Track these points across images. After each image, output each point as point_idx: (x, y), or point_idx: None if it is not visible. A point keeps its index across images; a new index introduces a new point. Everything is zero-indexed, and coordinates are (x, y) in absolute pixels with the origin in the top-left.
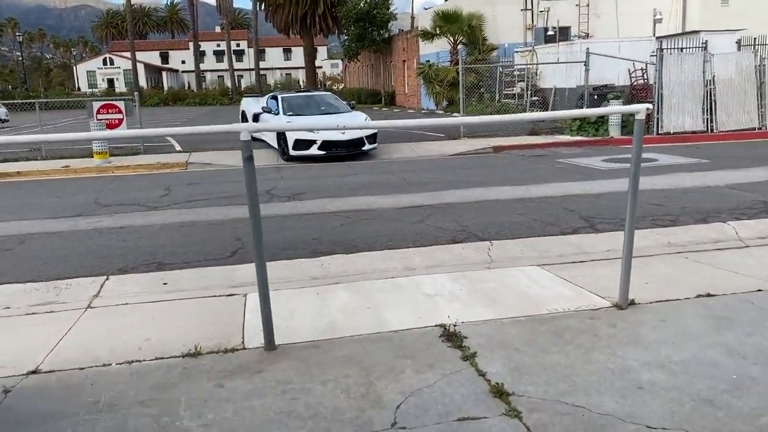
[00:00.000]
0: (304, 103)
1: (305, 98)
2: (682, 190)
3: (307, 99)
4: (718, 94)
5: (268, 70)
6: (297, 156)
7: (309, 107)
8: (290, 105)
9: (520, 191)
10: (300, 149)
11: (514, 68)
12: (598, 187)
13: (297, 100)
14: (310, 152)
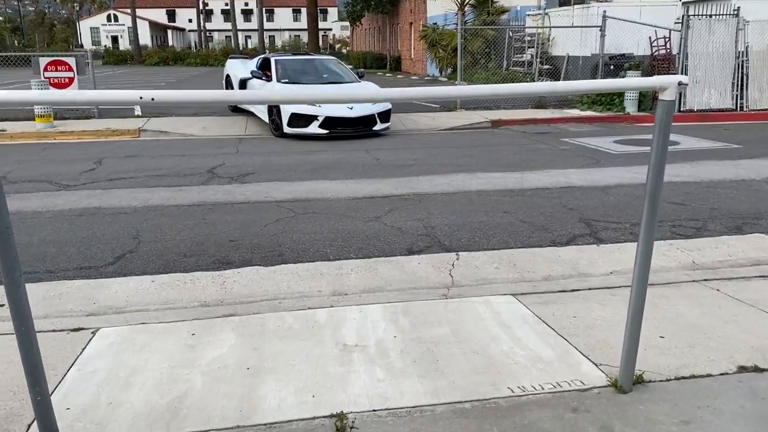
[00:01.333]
0: (302, 68)
1: (303, 63)
2: (710, 184)
3: (305, 64)
4: (751, 67)
5: (276, 31)
6: (293, 134)
7: (308, 74)
8: (285, 70)
9: (511, 180)
10: (297, 126)
11: (525, 33)
12: (606, 176)
13: (294, 64)
14: (309, 130)
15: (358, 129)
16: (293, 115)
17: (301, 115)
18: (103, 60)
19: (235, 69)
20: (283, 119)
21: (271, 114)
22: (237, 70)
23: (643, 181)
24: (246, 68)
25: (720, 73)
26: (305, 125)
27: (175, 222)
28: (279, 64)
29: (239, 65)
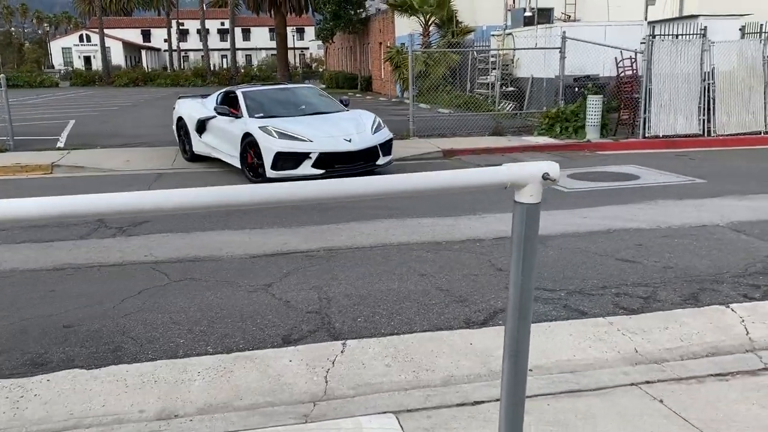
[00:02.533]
0: (277, 99)
1: (277, 93)
2: (667, 233)
3: (279, 94)
4: (717, 90)
5: (253, 50)
6: (279, 177)
7: (285, 107)
8: (257, 104)
9: (441, 228)
10: (284, 167)
11: (489, 54)
12: (550, 222)
13: (265, 96)
14: (300, 172)
15: (358, 165)
16: (279, 155)
17: (289, 154)
18: (71, 81)
19: (190, 109)
20: (266, 161)
21: (247, 156)
22: (192, 110)
23: (593, 227)
24: (205, 107)
25: (686, 97)
26: (294, 166)
27: (14, 296)
28: (248, 98)
29: (194, 105)
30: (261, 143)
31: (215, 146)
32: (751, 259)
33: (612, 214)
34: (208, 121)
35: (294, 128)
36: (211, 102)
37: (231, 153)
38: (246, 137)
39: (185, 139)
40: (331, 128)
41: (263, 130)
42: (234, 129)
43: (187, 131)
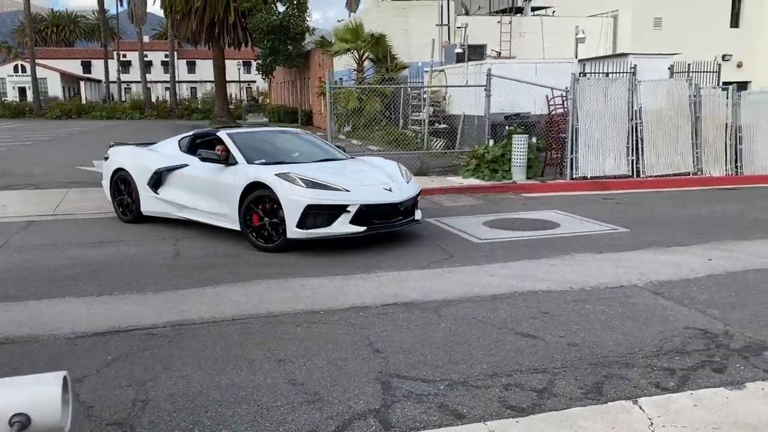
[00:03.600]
0: (273, 143)
1: (269, 136)
2: (579, 296)
3: (272, 137)
4: (645, 129)
5: (198, 83)
6: (307, 238)
7: (286, 152)
8: (251, 148)
9: (327, 290)
10: (314, 225)
11: (421, 90)
12: (451, 284)
13: (257, 139)
14: (335, 230)
15: (398, 221)
16: (310, 210)
17: (322, 208)
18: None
19: (136, 158)
20: (289, 218)
21: (253, 215)
22: (141, 159)
23: (498, 289)
24: (161, 155)
25: (614, 136)
26: (328, 222)
27: None
28: (238, 141)
29: (142, 153)
30: (281, 195)
31: (186, 203)
32: (668, 332)
33: (522, 272)
34: (171, 172)
35: (321, 176)
36: (170, 148)
37: (217, 211)
38: (251, 189)
39: (127, 197)
40: (360, 176)
41: (283, 177)
42: (226, 179)
43: (131, 186)
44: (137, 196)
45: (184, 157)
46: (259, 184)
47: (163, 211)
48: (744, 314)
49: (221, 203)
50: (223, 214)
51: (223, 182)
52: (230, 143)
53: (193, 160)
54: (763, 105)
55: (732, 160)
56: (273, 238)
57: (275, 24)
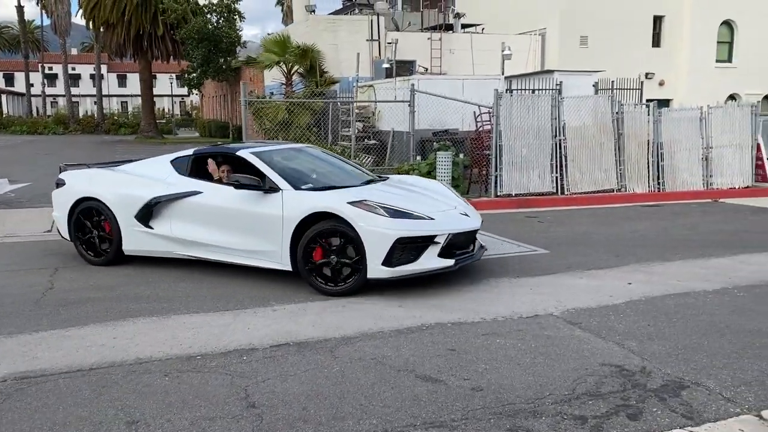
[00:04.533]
0: (308, 164)
1: (295, 154)
2: (490, 328)
3: (301, 156)
4: (569, 146)
5: (129, 97)
6: (392, 278)
7: (329, 175)
8: (288, 170)
9: (211, 330)
10: (401, 260)
11: (351, 105)
12: (355, 317)
13: (285, 157)
14: (423, 265)
15: (471, 251)
16: (399, 244)
17: (411, 241)
18: None
19: (114, 185)
20: (373, 255)
21: (312, 252)
22: (124, 186)
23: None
24: (149, 180)
25: (538, 153)
26: (415, 257)
27: None
28: (270, 162)
29: (120, 178)
30: (361, 227)
31: (199, 240)
32: (583, 371)
33: (434, 302)
34: (174, 201)
35: (398, 203)
36: (159, 171)
37: (254, 248)
38: (309, 221)
39: (97, 233)
40: (429, 201)
41: (360, 206)
42: (267, 210)
43: (103, 220)
44: (117, 232)
45: (187, 182)
46: (323, 215)
47: (158, 249)
48: (663, 346)
49: (259, 239)
50: (263, 251)
51: (262, 213)
52: (262, 165)
53: (206, 186)
54: (684, 122)
55: (654, 177)
56: (342, 278)
57: (207, 32)
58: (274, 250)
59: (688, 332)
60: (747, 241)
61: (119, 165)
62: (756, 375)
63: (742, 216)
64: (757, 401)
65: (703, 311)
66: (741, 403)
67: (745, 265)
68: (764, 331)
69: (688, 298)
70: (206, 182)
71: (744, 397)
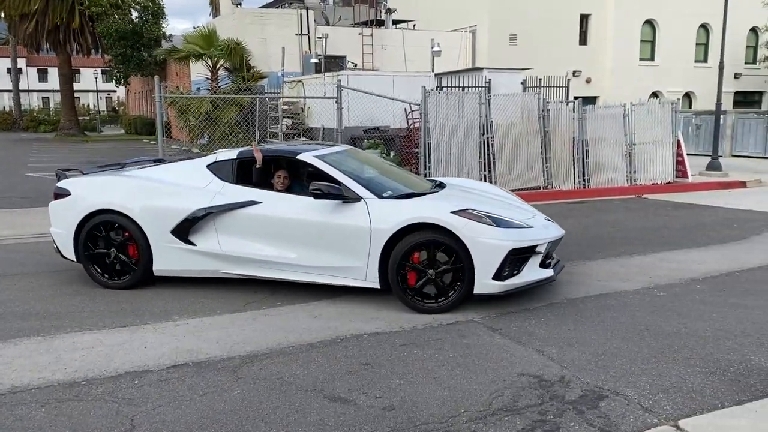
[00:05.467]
0: (365, 167)
1: (352, 158)
2: (408, 339)
3: (361, 158)
4: (497, 144)
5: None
6: (501, 293)
7: (399, 180)
8: (359, 176)
9: (102, 350)
10: (511, 273)
11: (278, 102)
12: (256, 336)
13: (349, 161)
14: (528, 277)
15: (554, 259)
16: (511, 255)
17: (520, 252)
18: None
19: (145, 196)
20: (483, 268)
21: (406, 270)
22: (155, 196)
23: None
24: (183, 189)
25: (466, 151)
26: (519, 269)
27: None
28: (339, 166)
29: (148, 187)
30: (469, 238)
31: (259, 256)
32: (500, 383)
33: (349, 310)
34: (225, 213)
35: (495, 211)
36: (194, 176)
37: (334, 264)
38: (401, 234)
39: (115, 253)
40: (511, 207)
41: (465, 215)
42: (350, 221)
43: (125, 237)
44: (145, 250)
45: (237, 190)
46: (416, 227)
47: (200, 268)
48: (582, 353)
49: (339, 254)
50: (344, 267)
51: (343, 225)
52: (334, 171)
53: (265, 195)
54: (608, 119)
55: (580, 174)
56: (444, 294)
57: (126, 30)
58: (358, 266)
59: (608, 336)
60: (668, 237)
61: (121, 170)
62: (674, 381)
63: (663, 212)
64: (675, 409)
65: (624, 313)
66: (658, 413)
67: (665, 263)
68: (682, 332)
69: (609, 299)
70: (262, 190)
71: (661, 406)
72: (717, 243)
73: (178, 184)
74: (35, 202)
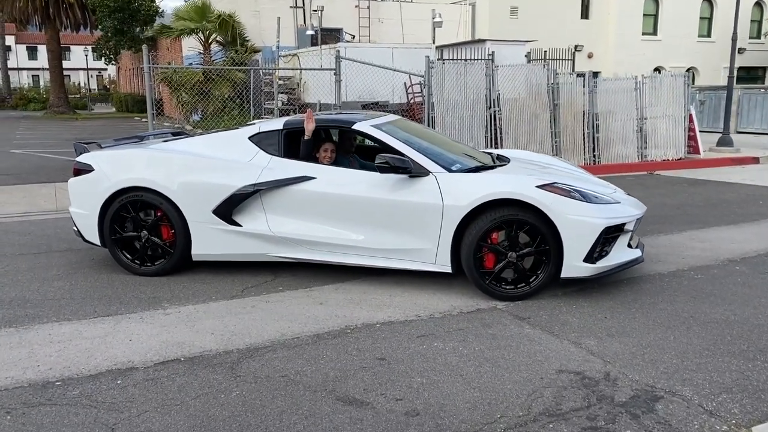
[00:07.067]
0: (429, 139)
1: (397, 125)
2: (426, 330)
3: (412, 129)
4: (504, 118)
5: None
6: (592, 276)
7: (455, 152)
8: (431, 149)
9: (81, 344)
10: (602, 254)
11: (272, 76)
12: (256, 325)
13: (411, 132)
14: (618, 258)
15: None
16: (605, 234)
17: (612, 230)
18: None
19: (181, 171)
20: (573, 248)
21: (482, 252)
22: (193, 171)
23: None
24: (222, 162)
25: (473, 125)
26: (608, 248)
27: None
28: (401, 136)
29: (183, 160)
30: (559, 215)
31: (313, 237)
32: (538, 381)
33: (359, 296)
34: (273, 190)
35: (577, 184)
36: (234, 149)
37: (400, 246)
38: (477, 214)
39: (147, 236)
40: (588, 182)
41: (554, 190)
42: (419, 198)
43: (158, 217)
44: (182, 231)
45: (287, 165)
46: (501, 203)
47: (245, 252)
48: (625, 345)
49: (405, 234)
50: (409, 249)
51: (410, 203)
52: (396, 142)
53: (318, 170)
54: (619, 93)
55: (590, 149)
56: (524, 279)
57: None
58: (427, 247)
59: (650, 325)
60: (693, 215)
61: (141, 142)
62: (735, 378)
63: (681, 188)
64: (744, 413)
65: (662, 298)
66: (726, 417)
67: (697, 242)
68: (732, 320)
69: (644, 282)
70: (314, 164)
71: (728, 409)
72: (746, 221)
73: (218, 159)
74: (17, 179)
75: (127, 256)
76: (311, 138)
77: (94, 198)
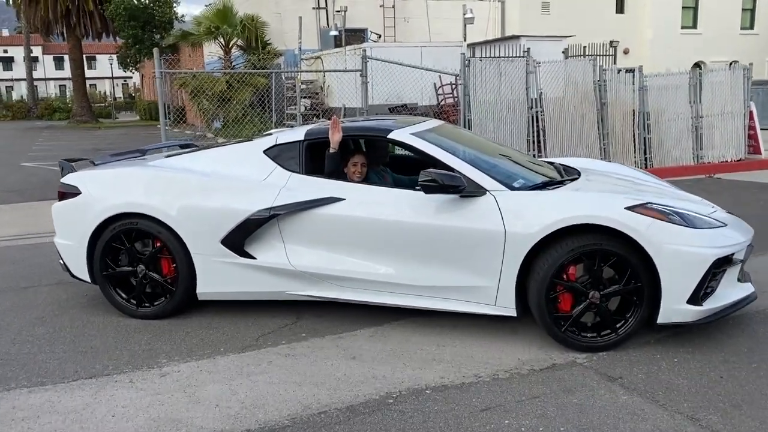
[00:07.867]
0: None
1: (440, 133)
2: (490, 399)
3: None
4: (547, 119)
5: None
6: (698, 321)
7: (515, 165)
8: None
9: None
10: (709, 293)
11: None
12: (268, 391)
13: (449, 140)
14: (722, 300)
15: None
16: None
17: (722, 263)
18: None
19: (183, 194)
20: (672, 284)
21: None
22: (197, 194)
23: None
24: (232, 181)
25: (512, 128)
26: (714, 285)
27: None
28: (448, 148)
29: (185, 180)
30: (658, 246)
31: (339, 272)
32: None
33: (399, 347)
34: (293, 215)
35: (671, 203)
36: (244, 165)
37: (451, 283)
38: (554, 243)
39: (143, 271)
40: (675, 198)
41: (649, 212)
42: (470, 224)
43: (156, 249)
44: (185, 265)
45: (311, 184)
46: (579, 229)
47: (260, 290)
48: (761, 423)
49: (461, 269)
50: (468, 287)
51: (464, 229)
52: (443, 154)
53: (348, 189)
54: (671, 90)
55: (641, 151)
56: (609, 324)
57: (137, 9)
58: (484, 285)
59: None
60: None
61: (142, 158)
62: None
63: (750, 194)
64: None
65: None
66: None
67: None
68: None
69: (756, 323)
70: (341, 182)
71: None
72: None
73: (228, 177)
74: (20, 195)
75: (122, 296)
76: (338, 150)
77: (82, 226)
